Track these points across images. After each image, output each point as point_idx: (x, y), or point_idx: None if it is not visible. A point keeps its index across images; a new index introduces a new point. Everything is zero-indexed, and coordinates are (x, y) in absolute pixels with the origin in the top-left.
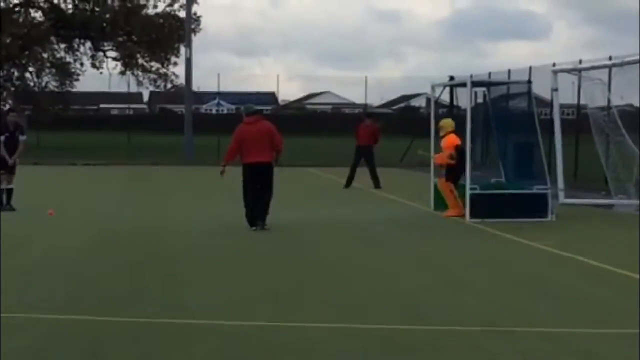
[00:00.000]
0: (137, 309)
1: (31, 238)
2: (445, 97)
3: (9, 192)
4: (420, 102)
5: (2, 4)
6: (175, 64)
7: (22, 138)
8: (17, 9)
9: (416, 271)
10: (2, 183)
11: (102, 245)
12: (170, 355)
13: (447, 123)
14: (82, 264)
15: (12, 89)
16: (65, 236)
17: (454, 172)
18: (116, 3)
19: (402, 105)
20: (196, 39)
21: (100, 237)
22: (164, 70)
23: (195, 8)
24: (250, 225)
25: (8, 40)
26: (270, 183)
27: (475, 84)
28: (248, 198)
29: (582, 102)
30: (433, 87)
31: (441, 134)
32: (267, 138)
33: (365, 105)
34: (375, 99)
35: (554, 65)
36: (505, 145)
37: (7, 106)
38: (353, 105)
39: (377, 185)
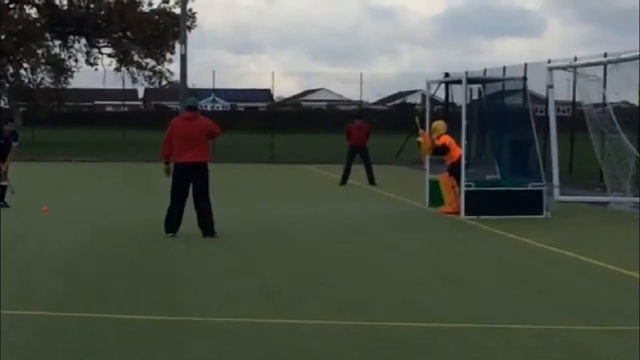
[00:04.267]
0: (131, 306)
1: (25, 235)
2: (441, 94)
3: (2, 188)
4: (415, 99)
5: None
6: (170, 60)
7: (14, 144)
8: (11, 5)
9: (411, 268)
10: None
11: (96, 243)
12: (165, 352)
13: (440, 125)
14: (75, 262)
15: (7, 85)
16: (59, 233)
17: (457, 170)
18: (111, 0)
19: (397, 102)
20: (191, 36)
21: (94, 234)
22: (159, 67)
23: (190, 5)
24: (166, 231)
25: (3, 37)
26: (205, 185)
27: (471, 80)
28: (174, 200)
29: (577, 99)
30: (428, 84)
31: (434, 136)
32: (205, 135)
33: (360, 102)
34: (370, 96)
35: (549, 62)
36: (501, 142)
37: (3, 103)
38: (349, 102)
39: (372, 182)
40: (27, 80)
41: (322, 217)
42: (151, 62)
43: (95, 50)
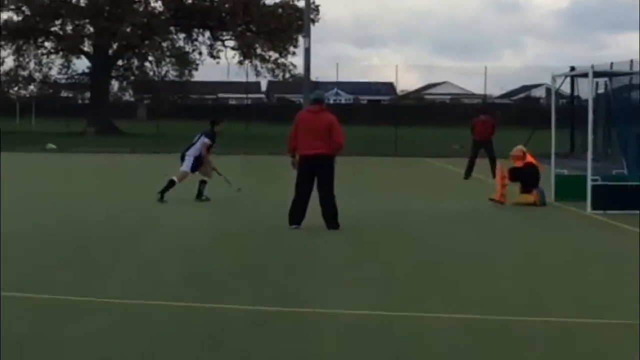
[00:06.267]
0: (256, 298)
1: (152, 227)
2: (566, 88)
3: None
4: (540, 93)
5: None
6: (293, 53)
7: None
8: None
9: (535, 262)
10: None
11: (221, 236)
12: (290, 344)
13: (517, 152)
14: (200, 254)
15: (132, 78)
16: (183, 227)
17: (518, 174)
18: None
19: (522, 95)
20: (314, 29)
21: (219, 227)
22: (282, 60)
23: None
24: (290, 223)
25: (128, 30)
26: (329, 178)
27: (597, 74)
28: (298, 193)
29: None
30: (554, 78)
31: (512, 160)
32: (327, 129)
33: (484, 96)
34: (494, 90)
35: None
36: (627, 136)
37: (128, 95)
38: (472, 95)
39: (495, 175)
40: (152, 73)
41: (445, 210)
42: (274, 55)
43: (219, 43)
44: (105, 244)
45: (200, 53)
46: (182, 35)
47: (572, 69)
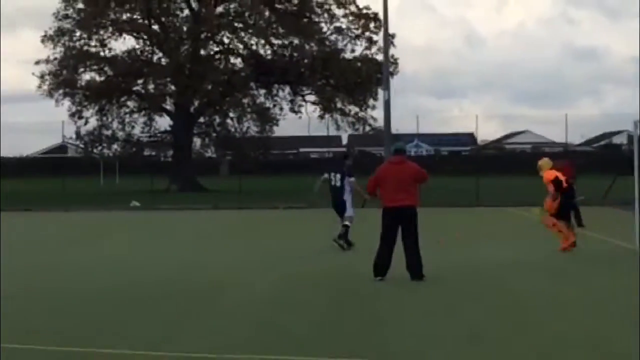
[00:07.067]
0: (337, 349)
1: (229, 281)
2: None
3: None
4: (621, 140)
5: (203, 52)
6: (373, 107)
7: (351, 179)
8: (217, 56)
9: (611, 309)
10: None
11: (305, 286)
12: None
13: (544, 162)
14: (284, 304)
15: (214, 134)
16: (265, 278)
17: (567, 197)
18: (314, 48)
19: (602, 143)
20: (394, 82)
21: (306, 278)
22: (363, 113)
23: (392, 50)
24: (375, 275)
25: (209, 87)
26: (414, 229)
27: None
28: (383, 244)
29: None
30: (635, 124)
31: (540, 174)
32: (411, 179)
33: (565, 144)
34: (575, 137)
35: None
36: None
37: (210, 152)
38: (553, 144)
39: (579, 223)
40: (233, 130)
41: (524, 258)
42: (354, 109)
43: (299, 98)
44: (183, 299)
45: (281, 108)
46: (262, 91)
47: None
